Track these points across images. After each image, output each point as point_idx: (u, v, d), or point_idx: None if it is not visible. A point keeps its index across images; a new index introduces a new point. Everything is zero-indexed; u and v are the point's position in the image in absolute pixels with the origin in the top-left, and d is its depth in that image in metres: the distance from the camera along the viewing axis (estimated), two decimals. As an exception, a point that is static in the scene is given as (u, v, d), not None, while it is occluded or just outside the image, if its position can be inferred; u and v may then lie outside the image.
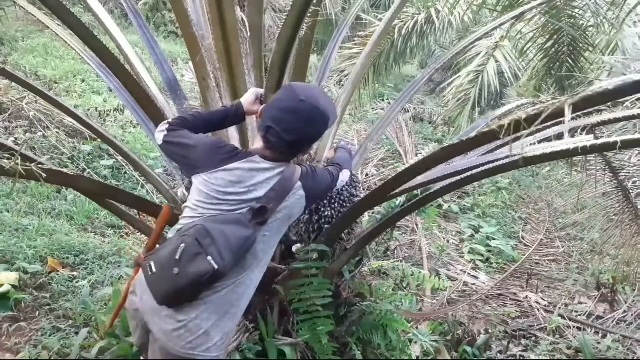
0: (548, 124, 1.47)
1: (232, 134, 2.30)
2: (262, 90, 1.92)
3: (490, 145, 2.08)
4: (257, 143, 1.73)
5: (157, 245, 1.95)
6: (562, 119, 1.18)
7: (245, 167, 1.66)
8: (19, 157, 1.50)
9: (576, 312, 4.28)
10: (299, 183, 1.70)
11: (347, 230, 2.47)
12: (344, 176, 1.99)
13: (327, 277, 2.37)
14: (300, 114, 1.61)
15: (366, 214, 3.22)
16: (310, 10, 1.73)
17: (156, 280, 1.57)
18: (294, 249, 2.35)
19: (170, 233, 1.75)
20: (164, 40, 9.22)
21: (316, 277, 2.26)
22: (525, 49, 4.65)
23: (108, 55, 1.82)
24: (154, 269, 1.57)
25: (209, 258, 1.50)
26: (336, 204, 2.33)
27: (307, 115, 1.62)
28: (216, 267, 1.50)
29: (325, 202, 2.30)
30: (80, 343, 2.59)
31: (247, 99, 1.86)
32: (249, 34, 2.17)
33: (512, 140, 1.28)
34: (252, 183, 1.64)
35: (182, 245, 1.53)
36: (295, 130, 1.62)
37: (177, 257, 1.52)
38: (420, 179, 2.00)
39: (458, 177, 2.00)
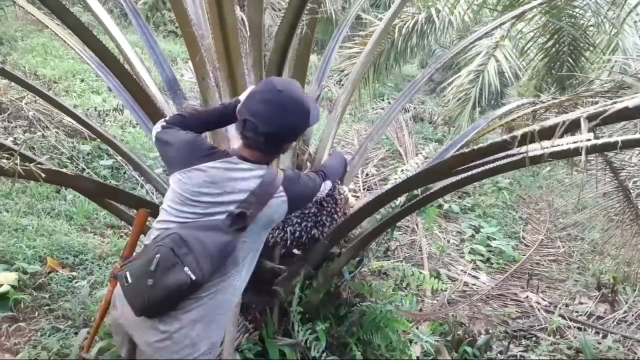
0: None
1: (231, 133, 2.29)
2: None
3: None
4: (235, 142, 1.67)
5: (134, 254, 1.88)
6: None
7: (221, 166, 1.58)
8: (18, 157, 1.50)
9: (577, 312, 4.27)
10: (281, 187, 1.61)
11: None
12: (325, 186, 1.89)
13: (327, 278, 2.36)
14: (277, 104, 1.54)
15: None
16: (308, 8, 1.72)
17: (132, 292, 1.52)
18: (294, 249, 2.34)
19: (146, 239, 1.68)
20: (164, 40, 9.21)
21: (315, 279, 2.26)
22: (525, 48, 4.64)
23: (107, 55, 1.82)
24: (129, 280, 1.52)
25: (186, 268, 1.44)
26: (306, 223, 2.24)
27: (284, 104, 1.54)
28: (194, 277, 1.44)
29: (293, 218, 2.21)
30: (80, 343, 2.58)
31: (245, 97, 1.86)
32: (248, 33, 2.17)
33: (526, 155, 1.26)
34: (228, 185, 1.56)
35: (157, 255, 1.47)
36: (272, 121, 1.54)
37: (152, 269, 1.46)
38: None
39: (458, 177, 1.99)
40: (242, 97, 1.86)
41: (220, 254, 1.50)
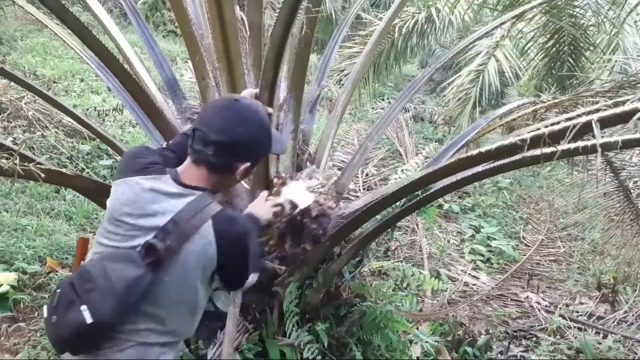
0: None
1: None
2: (256, 90, 1.88)
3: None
4: (186, 160, 1.41)
5: None
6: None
7: (147, 184, 1.34)
8: (18, 157, 1.50)
9: (577, 312, 4.26)
10: (210, 222, 1.30)
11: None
12: (251, 279, 1.44)
13: (327, 278, 2.36)
14: (235, 111, 1.36)
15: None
16: (303, 6, 1.71)
17: (45, 327, 1.36)
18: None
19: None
20: (163, 40, 9.20)
21: (315, 279, 2.26)
22: (526, 48, 4.64)
23: (107, 55, 1.81)
24: (44, 314, 1.34)
25: (83, 307, 1.22)
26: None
27: (243, 113, 1.36)
28: (89, 320, 1.20)
29: None
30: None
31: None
32: (248, 33, 2.17)
33: (535, 157, 1.24)
34: (151, 207, 1.32)
35: (58, 290, 1.30)
36: (226, 129, 1.32)
37: (54, 305, 1.29)
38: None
39: (458, 177, 1.99)
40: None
41: (127, 291, 1.23)
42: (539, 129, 1.27)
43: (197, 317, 1.43)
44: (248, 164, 1.39)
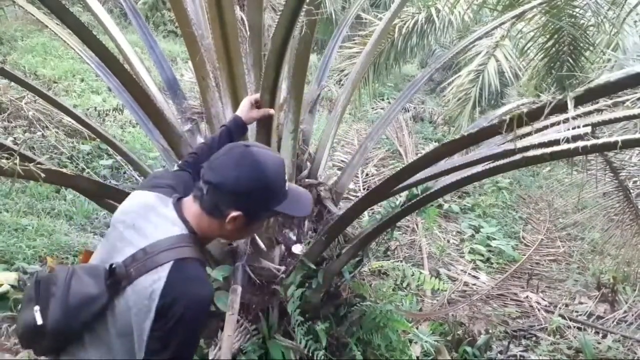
0: (549, 122, 1.46)
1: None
2: (255, 96, 1.88)
3: (492, 149, 2.08)
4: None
5: None
6: (563, 117, 1.17)
7: (149, 200, 1.32)
8: (18, 157, 1.50)
9: (577, 312, 4.27)
10: (169, 268, 1.19)
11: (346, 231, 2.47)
12: None
13: (326, 278, 2.36)
14: (233, 153, 1.29)
15: (366, 213, 3.22)
16: (304, 8, 1.71)
17: None
18: (294, 249, 2.34)
19: None
20: (163, 40, 9.21)
21: (315, 279, 2.26)
22: (525, 48, 4.64)
23: (107, 55, 1.81)
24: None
25: (37, 308, 1.19)
26: None
27: (242, 156, 1.27)
28: (39, 322, 1.17)
29: None
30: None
31: (242, 109, 1.82)
32: (248, 33, 2.17)
33: (514, 136, 1.28)
34: (140, 223, 1.28)
35: (28, 285, 1.28)
36: (219, 170, 1.26)
37: (25, 299, 1.26)
38: (420, 175, 1.99)
39: (459, 177, 1.99)
40: (239, 110, 1.83)
41: (79, 307, 1.19)
42: (518, 107, 1.30)
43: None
44: (239, 214, 1.25)
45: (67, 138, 4.90)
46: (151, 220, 1.28)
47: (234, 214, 1.25)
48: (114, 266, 1.20)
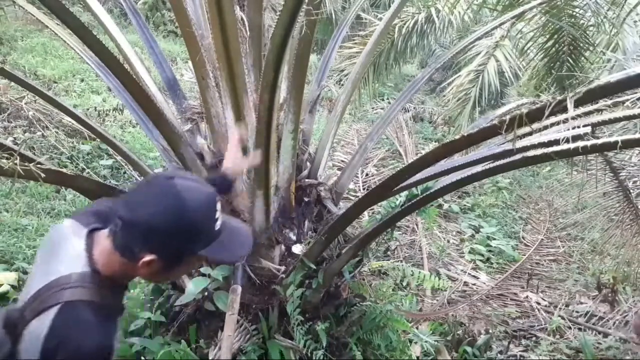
0: (549, 122, 1.46)
1: (230, 132, 2.28)
2: (242, 133, 1.80)
3: (492, 149, 2.08)
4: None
5: None
6: (563, 117, 1.17)
7: (62, 228, 1.16)
8: (18, 157, 1.50)
9: (577, 312, 4.27)
10: (57, 308, 1.03)
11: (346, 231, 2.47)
12: None
13: (326, 278, 2.36)
14: (152, 186, 1.12)
15: (366, 213, 3.23)
16: (304, 8, 1.71)
17: None
18: (294, 249, 2.35)
19: None
20: (163, 40, 9.21)
21: (315, 279, 2.26)
22: (525, 48, 4.64)
23: (107, 55, 1.81)
24: None
25: None
26: None
27: (160, 192, 1.08)
28: None
29: None
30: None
31: (231, 157, 1.71)
32: (248, 33, 2.17)
33: (514, 137, 1.28)
34: (47, 256, 1.15)
35: None
36: (133, 204, 1.08)
37: None
38: (420, 175, 1.99)
39: (459, 177, 1.99)
40: (227, 159, 1.72)
41: None
42: (518, 107, 1.30)
43: None
44: (153, 258, 1.07)
45: (67, 138, 4.90)
46: (59, 253, 1.12)
47: (148, 257, 1.07)
48: (4, 311, 1.09)
